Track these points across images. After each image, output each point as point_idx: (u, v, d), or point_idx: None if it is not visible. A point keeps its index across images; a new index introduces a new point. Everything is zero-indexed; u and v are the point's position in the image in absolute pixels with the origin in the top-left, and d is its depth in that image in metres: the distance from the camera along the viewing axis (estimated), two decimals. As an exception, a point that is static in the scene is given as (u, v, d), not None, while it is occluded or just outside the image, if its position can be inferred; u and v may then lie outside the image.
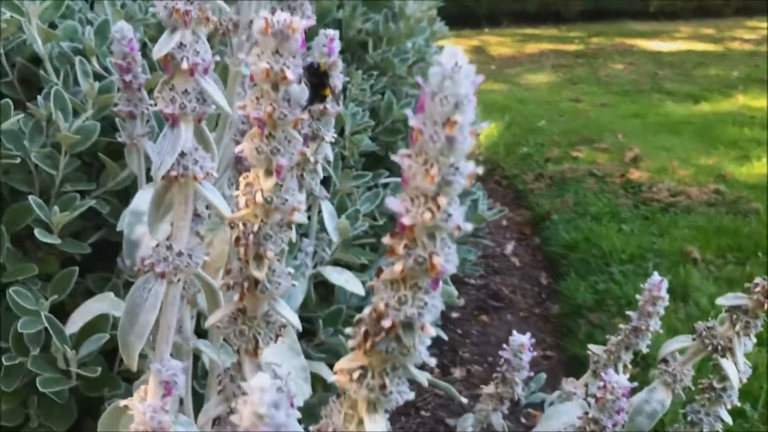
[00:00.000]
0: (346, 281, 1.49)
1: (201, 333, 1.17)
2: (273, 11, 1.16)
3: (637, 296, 0.97)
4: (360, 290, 1.48)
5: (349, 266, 1.63)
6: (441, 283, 0.43)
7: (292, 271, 0.53)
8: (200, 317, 1.24)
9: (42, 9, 1.25)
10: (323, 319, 1.53)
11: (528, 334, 0.93)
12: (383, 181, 1.76)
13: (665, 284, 0.93)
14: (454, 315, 2.45)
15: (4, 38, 1.35)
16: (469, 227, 0.39)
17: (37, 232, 1.13)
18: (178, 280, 0.68)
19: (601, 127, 4.63)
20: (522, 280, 2.78)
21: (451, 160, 0.38)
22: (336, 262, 1.60)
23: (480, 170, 0.39)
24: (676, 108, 5.25)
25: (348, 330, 1.35)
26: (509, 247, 3.06)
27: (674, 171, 3.74)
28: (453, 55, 0.37)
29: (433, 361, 0.42)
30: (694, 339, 0.85)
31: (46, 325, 1.05)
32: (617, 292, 2.49)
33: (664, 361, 0.87)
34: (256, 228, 0.51)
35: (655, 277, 0.93)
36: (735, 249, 2.80)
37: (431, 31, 2.26)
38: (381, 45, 1.95)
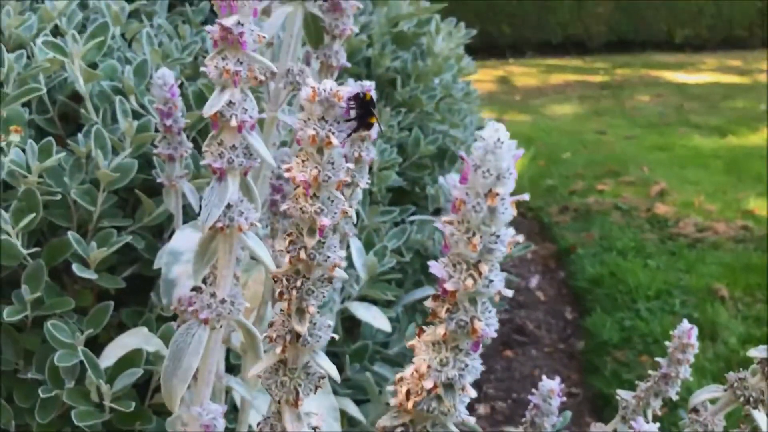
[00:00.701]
0: (373, 317, 1.50)
1: (228, 368, 1.19)
2: (308, 57, 1.19)
3: (667, 343, 0.97)
4: (387, 327, 1.50)
5: (375, 301, 1.65)
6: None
7: (331, 323, 0.55)
8: (229, 352, 1.26)
9: (85, 50, 1.30)
10: (349, 354, 1.54)
11: (557, 379, 0.94)
12: (411, 219, 1.78)
13: (695, 332, 0.92)
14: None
15: (46, 76, 1.41)
16: (509, 293, 0.41)
17: (75, 267, 1.16)
18: (221, 326, 0.70)
19: (626, 159, 4.62)
20: (547, 315, 2.77)
21: (492, 230, 0.39)
22: (362, 298, 1.61)
23: (521, 238, 0.40)
24: (702, 141, 5.22)
25: (375, 367, 1.34)
26: (534, 281, 3.05)
27: (701, 206, 3.71)
28: (495, 130, 0.39)
29: (472, 420, 0.43)
30: (725, 389, 0.85)
31: (82, 358, 1.07)
32: (643, 329, 2.47)
33: (695, 410, 0.87)
34: (299, 284, 0.53)
35: (685, 324, 0.92)
36: (764, 287, 2.77)
37: (458, 67, 2.29)
38: (409, 82, 1.99)
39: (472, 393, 0.42)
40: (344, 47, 1.05)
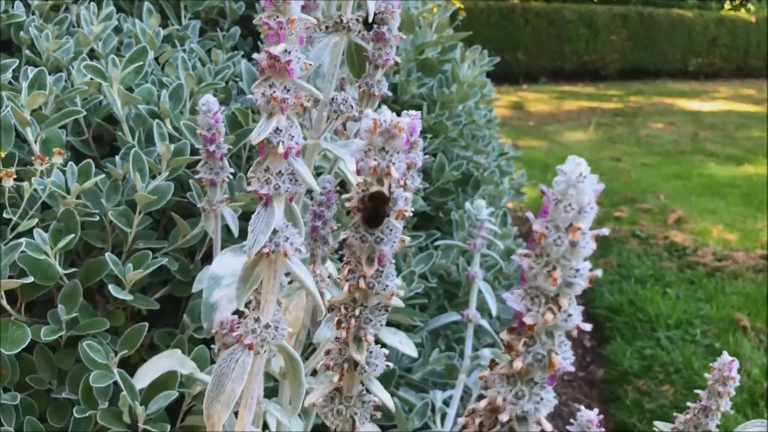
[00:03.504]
0: (400, 343, 1.50)
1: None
2: (342, 84, 1.21)
3: (706, 375, 0.96)
4: (413, 352, 1.49)
5: (398, 325, 1.65)
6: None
7: (387, 352, 0.55)
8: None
9: (124, 74, 1.32)
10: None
11: (596, 410, 0.93)
12: (438, 243, 1.79)
13: (736, 364, 0.92)
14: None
15: (82, 99, 1.43)
16: (587, 327, 0.41)
17: (111, 288, 1.17)
18: (264, 351, 0.70)
19: (643, 187, 4.62)
20: (566, 342, 2.75)
21: (572, 263, 0.40)
22: (387, 323, 1.61)
23: (599, 273, 0.41)
24: (719, 170, 5.21)
25: (400, 392, 1.34)
26: (552, 308, 3.03)
27: (719, 235, 3.69)
28: (577, 165, 0.40)
29: (542, 454, 0.43)
30: (769, 424, 0.85)
31: (118, 379, 1.07)
32: (665, 358, 2.45)
33: (738, 444, 0.86)
34: (357, 312, 0.53)
35: (725, 356, 0.92)
36: (786, 318, 2.75)
37: (481, 94, 2.30)
38: (434, 109, 2.00)
39: (548, 427, 0.42)
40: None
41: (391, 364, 0.58)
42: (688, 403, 1.00)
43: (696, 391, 1.01)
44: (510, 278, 2.21)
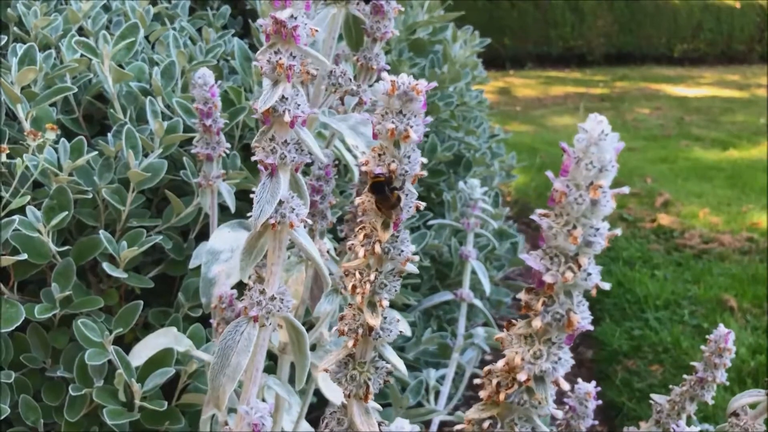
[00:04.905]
0: (394, 321, 1.50)
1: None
2: (336, 59, 1.20)
3: (703, 347, 0.97)
4: (407, 331, 1.50)
5: (391, 304, 1.65)
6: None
7: (400, 317, 0.55)
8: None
9: (116, 51, 1.30)
10: (370, 358, 1.54)
11: (593, 383, 0.94)
12: (430, 223, 1.79)
13: (732, 336, 0.93)
14: (489, 357, 2.44)
15: (72, 77, 1.41)
16: (607, 286, 0.41)
17: (105, 266, 1.16)
18: (270, 323, 0.70)
19: (630, 171, 4.64)
20: (555, 324, 2.76)
21: (593, 222, 0.40)
22: (381, 302, 1.61)
23: (619, 232, 0.41)
24: (704, 154, 5.25)
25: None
26: (541, 290, 3.05)
27: (705, 217, 3.73)
28: (599, 123, 0.40)
29: (560, 414, 0.43)
30: (767, 393, 0.85)
31: (113, 357, 1.07)
32: (653, 338, 2.47)
33: (735, 414, 0.87)
34: (372, 277, 0.53)
35: (721, 328, 0.93)
36: (771, 298, 2.78)
37: (472, 75, 2.30)
38: (427, 89, 1.99)
39: (565, 386, 0.42)
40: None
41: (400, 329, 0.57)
42: (684, 376, 1.01)
43: (692, 363, 1.02)
44: (501, 259, 2.21)
